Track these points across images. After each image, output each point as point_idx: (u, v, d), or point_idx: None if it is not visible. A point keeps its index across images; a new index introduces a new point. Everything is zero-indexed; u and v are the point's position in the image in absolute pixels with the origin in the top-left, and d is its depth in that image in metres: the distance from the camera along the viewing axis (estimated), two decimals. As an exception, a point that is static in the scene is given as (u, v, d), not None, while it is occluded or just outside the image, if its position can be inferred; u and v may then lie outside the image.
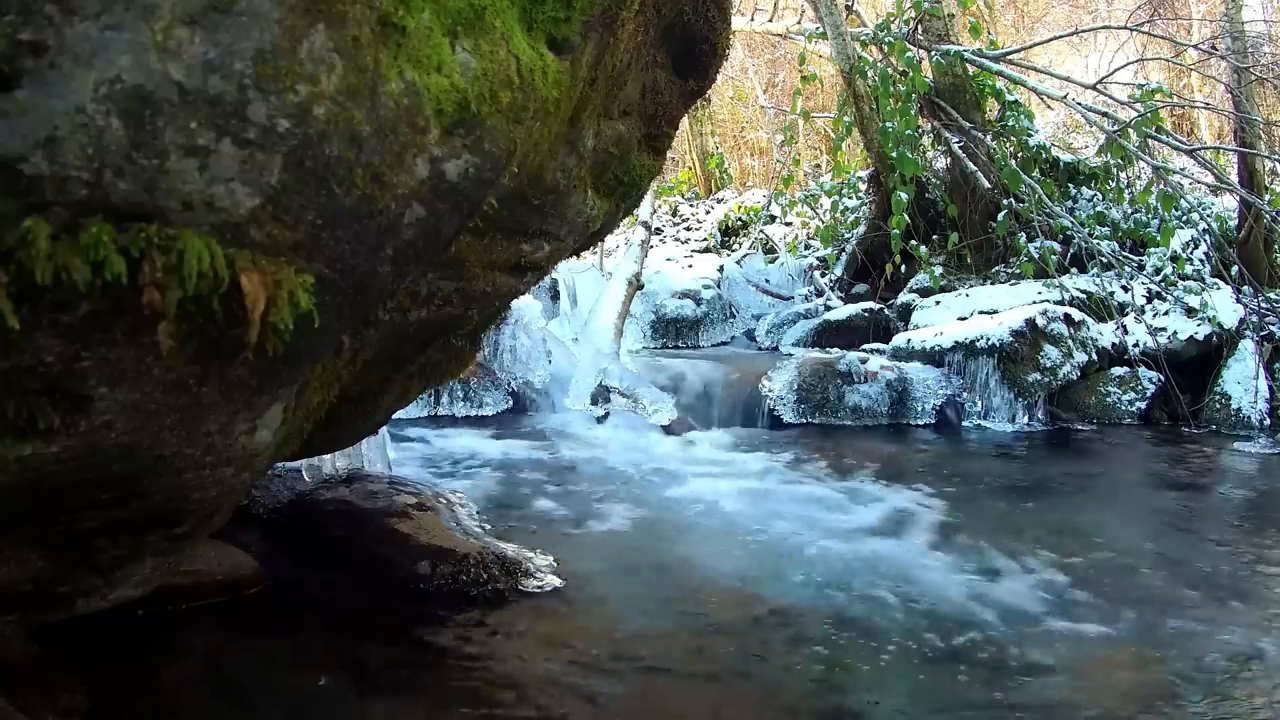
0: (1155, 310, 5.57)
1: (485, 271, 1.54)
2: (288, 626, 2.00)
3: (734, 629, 2.08)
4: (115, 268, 0.78)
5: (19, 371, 0.82)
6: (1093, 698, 1.82)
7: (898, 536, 2.82)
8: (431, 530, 2.39)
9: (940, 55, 6.56)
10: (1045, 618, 2.21)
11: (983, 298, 5.74)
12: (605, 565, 2.47)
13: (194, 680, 1.73)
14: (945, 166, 6.86)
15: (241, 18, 0.79)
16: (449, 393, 4.43)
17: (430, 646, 1.92)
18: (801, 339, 6.44)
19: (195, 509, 1.19)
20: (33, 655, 1.53)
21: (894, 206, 6.13)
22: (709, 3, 1.73)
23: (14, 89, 0.72)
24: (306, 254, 0.90)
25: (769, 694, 1.79)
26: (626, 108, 1.67)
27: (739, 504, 3.11)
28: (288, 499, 2.55)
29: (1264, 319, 5.40)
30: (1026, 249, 5.88)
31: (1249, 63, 6.24)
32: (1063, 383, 4.92)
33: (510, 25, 1.05)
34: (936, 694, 1.82)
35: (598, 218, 1.71)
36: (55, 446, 0.90)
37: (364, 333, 1.36)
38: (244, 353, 0.91)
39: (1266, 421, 4.84)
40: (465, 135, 0.99)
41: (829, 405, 4.73)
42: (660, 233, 9.91)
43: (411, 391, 1.91)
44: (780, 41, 10.20)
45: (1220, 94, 8.09)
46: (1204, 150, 6.80)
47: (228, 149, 0.81)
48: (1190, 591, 2.42)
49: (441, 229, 1.06)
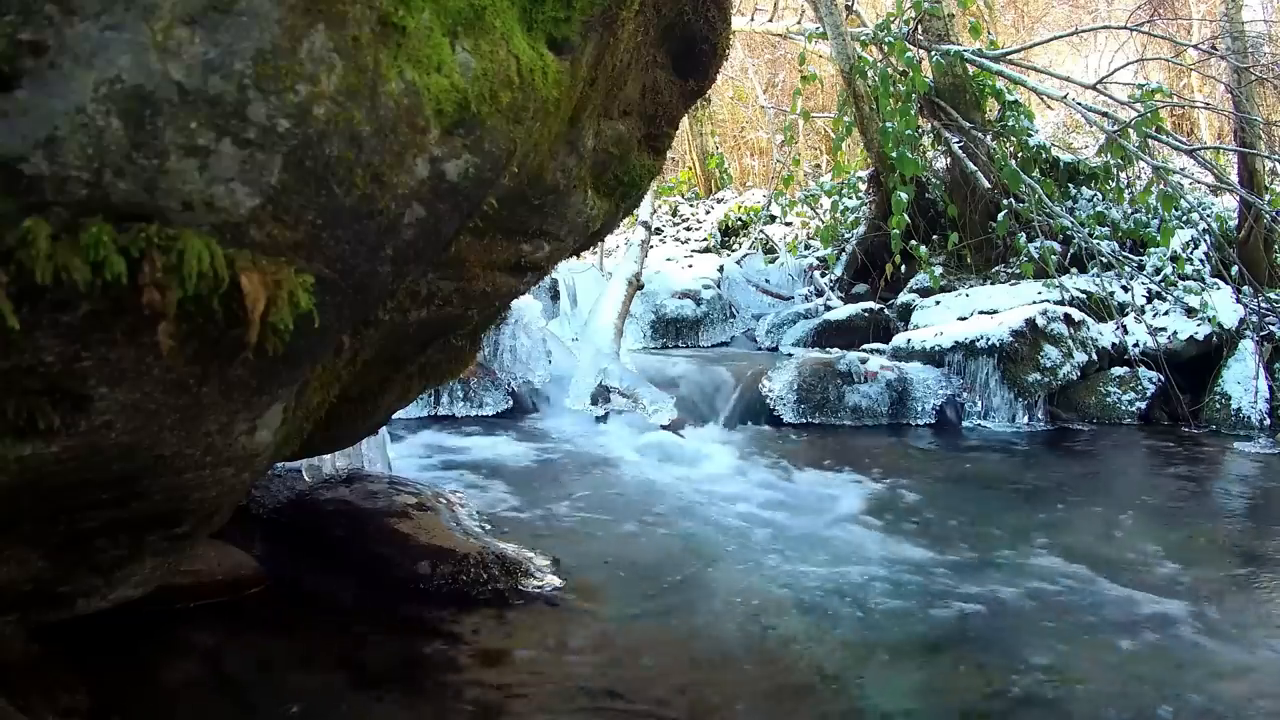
0: (1155, 310, 5.57)
1: (485, 271, 1.54)
2: (288, 626, 2.00)
3: (734, 628, 2.08)
4: (115, 268, 0.78)
5: (19, 371, 0.82)
6: (1091, 697, 1.82)
7: (898, 536, 2.82)
8: (431, 530, 2.39)
9: (940, 55, 6.56)
10: (1044, 617, 2.21)
11: (983, 298, 5.75)
12: (605, 565, 2.47)
13: (194, 680, 1.73)
14: (945, 166, 6.86)
15: (241, 18, 0.79)
16: (449, 393, 4.43)
17: (430, 646, 1.92)
18: (801, 339, 6.44)
19: (195, 509, 1.19)
20: (33, 655, 1.53)
21: (894, 206, 6.13)
22: (709, 3, 1.73)
23: (14, 89, 0.72)
24: (306, 254, 0.90)
25: (770, 693, 1.79)
26: (626, 108, 1.67)
27: (739, 504, 3.11)
28: (288, 499, 2.55)
29: (1264, 319, 5.41)
30: (1026, 249, 5.88)
31: (1249, 63, 6.24)
32: (1063, 383, 4.92)
33: (510, 25, 1.05)
34: (936, 691, 1.82)
35: (598, 218, 1.71)
36: (55, 446, 0.90)
37: (364, 333, 1.36)
38: (244, 353, 0.91)
39: (1266, 421, 4.84)
40: (465, 135, 0.99)
41: (829, 405, 4.73)
42: (660, 233, 9.91)
43: (411, 391, 1.91)
44: (780, 41, 10.20)
45: (1220, 94, 8.09)
46: (1204, 150, 6.80)
47: (228, 149, 0.81)
48: (1190, 592, 2.42)
49: (441, 229, 1.06)
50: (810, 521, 2.94)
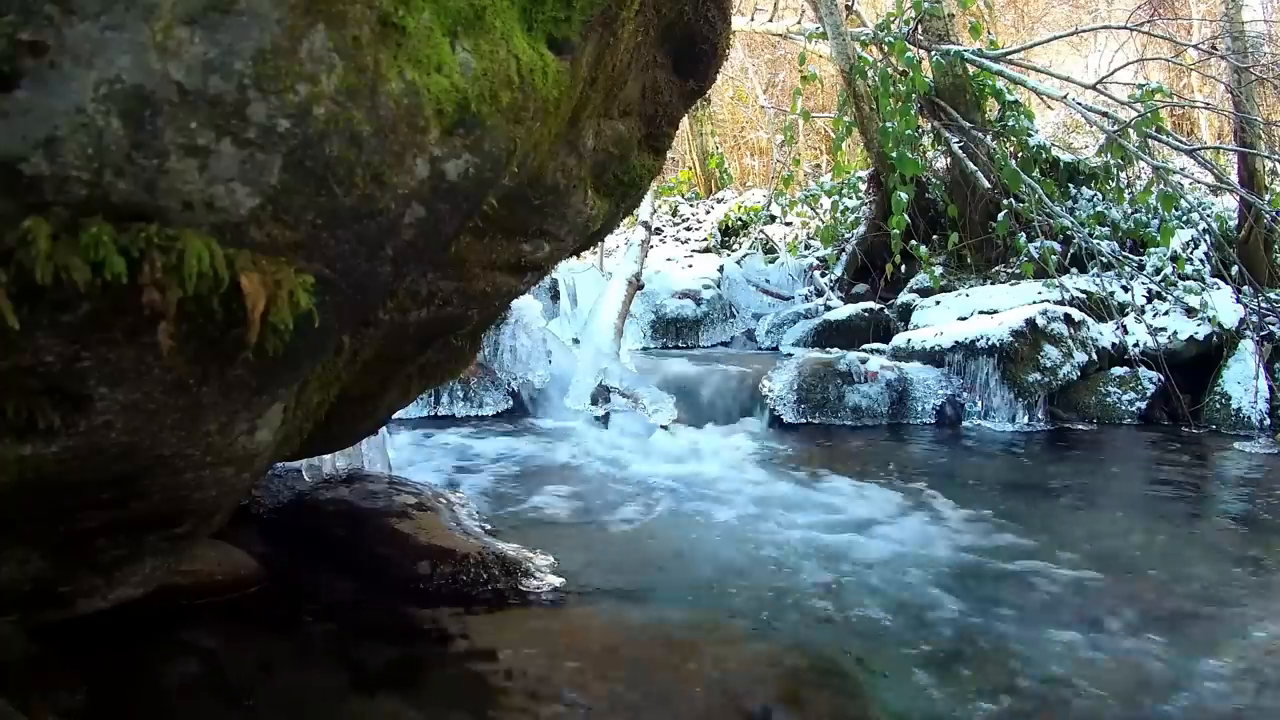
0: (1155, 310, 5.57)
1: (485, 271, 1.54)
2: (288, 626, 2.00)
3: (735, 628, 2.08)
4: (115, 268, 0.78)
5: (19, 371, 0.82)
6: (1092, 696, 1.82)
7: (898, 535, 2.82)
8: (431, 530, 2.39)
9: (940, 55, 6.56)
10: (1043, 616, 2.21)
11: (983, 298, 5.75)
12: (605, 565, 2.47)
13: (194, 680, 1.73)
14: (945, 166, 6.86)
15: (241, 18, 0.79)
16: (449, 393, 4.43)
17: (430, 646, 1.92)
18: (801, 339, 6.44)
19: (195, 509, 1.19)
20: (33, 655, 1.53)
21: (894, 206, 6.13)
22: (709, 3, 1.73)
23: (14, 89, 0.72)
24: (306, 254, 0.90)
25: (771, 693, 1.79)
26: (626, 108, 1.67)
27: (739, 503, 3.11)
28: (288, 499, 2.55)
29: (1264, 319, 5.40)
30: (1026, 249, 5.88)
31: (1249, 63, 6.24)
32: (1063, 383, 4.92)
33: (510, 25, 1.05)
34: (936, 690, 1.82)
35: (598, 218, 1.71)
36: (55, 446, 0.90)
37: (364, 333, 1.36)
38: (244, 353, 0.91)
39: (1266, 421, 4.84)
40: (465, 135, 0.99)
41: (829, 405, 4.73)
42: (660, 233, 9.90)
43: (411, 391, 1.91)
44: (780, 41, 10.20)
45: (1220, 94, 8.09)
46: (1204, 150, 6.80)
47: (228, 149, 0.81)
48: (1189, 592, 2.42)
49: (441, 229, 1.06)
50: (810, 522, 2.93)
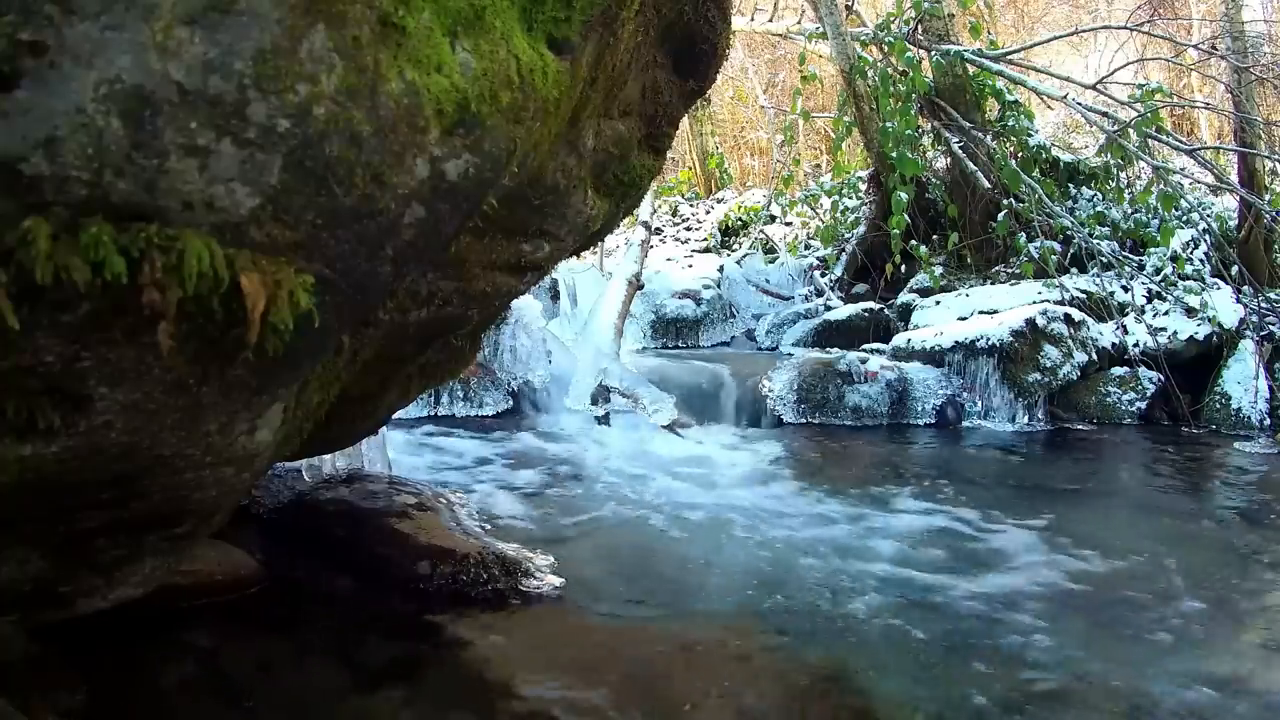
0: (1155, 310, 5.57)
1: (485, 271, 1.54)
2: (288, 626, 2.00)
3: (735, 628, 2.08)
4: (115, 268, 0.78)
5: (19, 371, 0.82)
6: (1092, 695, 1.82)
7: (897, 535, 2.82)
8: (431, 530, 2.39)
9: (940, 55, 6.55)
10: (1045, 616, 2.21)
11: (983, 298, 5.74)
12: (605, 565, 2.47)
13: (194, 680, 1.73)
14: (945, 166, 6.86)
15: (241, 18, 0.79)
16: (449, 393, 4.43)
17: (430, 646, 1.92)
18: (801, 339, 6.43)
19: (195, 509, 1.19)
20: (33, 655, 1.53)
21: (894, 206, 6.13)
22: (709, 3, 1.73)
23: (14, 89, 0.72)
24: (306, 254, 0.90)
25: (772, 693, 1.79)
26: (626, 108, 1.67)
27: (739, 503, 3.11)
28: (288, 499, 2.55)
29: (1264, 319, 5.40)
30: (1026, 249, 5.88)
31: (1249, 63, 6.24)
32: (1063, 383, 4.92)
33: (510, 25, 1.05)
34: (936, 689, 1.82)
35: (598, 218, 1.71)
36: (55, 446, 0.90)
37: (364, 333, 1.36)
38: (244, 353, 0.91)
39: (1266, 421, 4.84)
40: (465, 135, 0.99)
41: (829, 405, 4.73)
42: (660, 233, 9.90)
43: (411, 391, 1.91)
44: (780, 41, 10.19)
45: (1220, 94, 8.08)
46: (1204, 150, 6.80)
47: (228, 149, 0.81)
48: (1189, 592, 2.42)
49: (441, 229, 1.06)
50: (809, 522, 2.94)
